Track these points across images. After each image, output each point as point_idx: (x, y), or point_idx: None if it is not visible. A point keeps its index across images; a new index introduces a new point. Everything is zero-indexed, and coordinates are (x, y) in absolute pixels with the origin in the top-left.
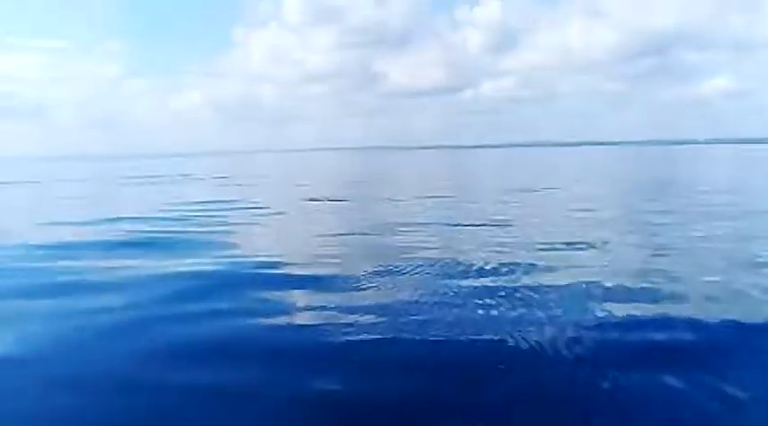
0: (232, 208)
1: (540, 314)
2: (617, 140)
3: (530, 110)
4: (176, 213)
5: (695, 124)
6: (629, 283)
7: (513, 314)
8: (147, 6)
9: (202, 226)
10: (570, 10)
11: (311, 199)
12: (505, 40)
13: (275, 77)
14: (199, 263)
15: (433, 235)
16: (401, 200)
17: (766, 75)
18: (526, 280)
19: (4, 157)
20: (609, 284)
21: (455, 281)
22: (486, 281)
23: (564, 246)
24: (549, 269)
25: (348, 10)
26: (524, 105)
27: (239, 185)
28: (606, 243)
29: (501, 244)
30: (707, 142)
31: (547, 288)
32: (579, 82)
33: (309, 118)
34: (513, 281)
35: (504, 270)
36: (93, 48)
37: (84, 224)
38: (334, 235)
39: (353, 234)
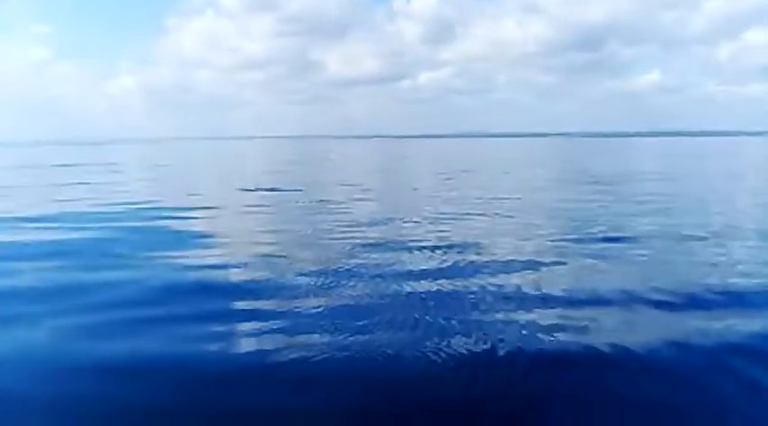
0: (162, 202)
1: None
2: (550, 132)
3: (466, 100)
4: (105, 209)
5: (626, 117)
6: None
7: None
8: None
9: (134, 221)
10: (507, 4)
11: (245, 189)
12: (442, 32)
13: (211, 64)
14: (128, 266)
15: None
16: (337, 190)
17: (695, 71)
18: (470, 279)
19: None
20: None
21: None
22: (423, 279)
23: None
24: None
25: None
26: (461, 96)
27: (172, 175)
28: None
29: (444, 238)
30: (636, 135)
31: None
32: (514, 74)
33: (245, 104)
34: (455, 280)
35: (445, 265)
36: (19, 30)
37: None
38: (267, 231)
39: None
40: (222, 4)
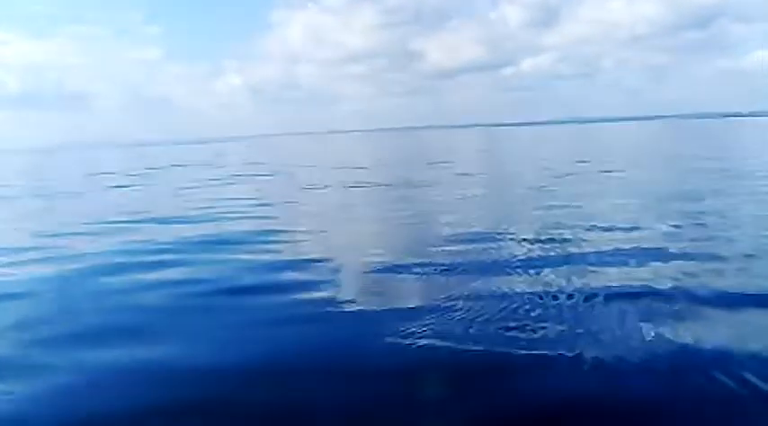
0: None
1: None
2: (661, 114)
3: (572, 85)
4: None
5: (739, 97)
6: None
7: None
8: None
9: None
10: None
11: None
12: (546, 16)
13: (315, 58)
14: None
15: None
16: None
17: None
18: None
19: (45, 147)
20: None
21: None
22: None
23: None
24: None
25: None
26: (566, 81)
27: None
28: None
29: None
30: (751, 115)
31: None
32: (621, 56)
33: (348, 98)
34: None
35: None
36: (132, 33)
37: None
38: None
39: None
40: None
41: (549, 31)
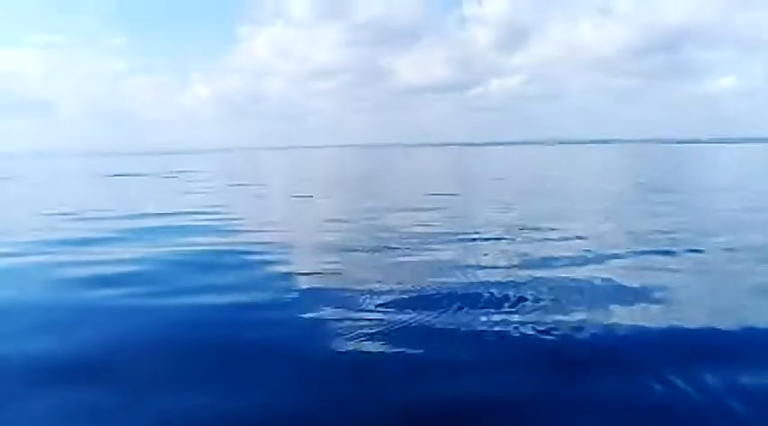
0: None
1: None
2: (625, 138)
3: (539, 107)
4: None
5: (701, 123)
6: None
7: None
8: (150, 2)
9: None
10: (580, 7)
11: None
12: (514, 37)
13: (282, 73)
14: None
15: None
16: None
17: None
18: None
19: (8, 153)
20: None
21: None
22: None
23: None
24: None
25: (354, 6)
26: (533, 102)
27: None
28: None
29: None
30: (710, 141)
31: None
32: (589, 78)
33: (316, 113)
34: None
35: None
36: (96, 43)
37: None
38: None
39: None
40: (291, 13)
41: (517, 53)
